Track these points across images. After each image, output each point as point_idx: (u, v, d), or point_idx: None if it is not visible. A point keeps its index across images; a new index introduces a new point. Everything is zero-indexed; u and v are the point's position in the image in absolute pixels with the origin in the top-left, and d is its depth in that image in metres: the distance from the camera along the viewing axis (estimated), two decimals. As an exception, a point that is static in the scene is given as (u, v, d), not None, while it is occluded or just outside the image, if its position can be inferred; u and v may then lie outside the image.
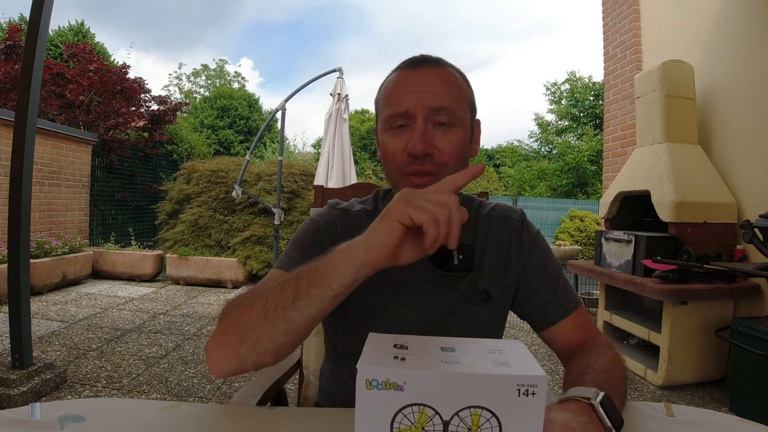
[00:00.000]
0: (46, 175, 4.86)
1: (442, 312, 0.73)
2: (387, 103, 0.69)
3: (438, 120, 0.66)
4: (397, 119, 0.67)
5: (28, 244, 1.99)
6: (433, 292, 0.73)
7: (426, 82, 0.67)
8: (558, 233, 6.27)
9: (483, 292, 0.74)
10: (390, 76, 0.72)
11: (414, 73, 0.68)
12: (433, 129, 0.66)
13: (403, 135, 0.67)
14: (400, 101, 0.67)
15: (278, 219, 4.04)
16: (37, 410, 0.53)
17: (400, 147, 0.67)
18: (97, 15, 39.18)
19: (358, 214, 0.78)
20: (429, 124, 0.66)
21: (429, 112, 0.65)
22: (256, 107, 14.87)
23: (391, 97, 0.68)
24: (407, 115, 0.66)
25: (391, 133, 0.68)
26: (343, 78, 4.21)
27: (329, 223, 0.76)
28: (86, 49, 6.42)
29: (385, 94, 0.71)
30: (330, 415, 0.58)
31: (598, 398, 0.50)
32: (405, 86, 0.67)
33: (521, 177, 12.95)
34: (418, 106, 0.65)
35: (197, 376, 2.39)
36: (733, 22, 2.70)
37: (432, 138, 0.65)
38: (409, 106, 0.66)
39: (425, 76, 0.67)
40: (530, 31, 54.00)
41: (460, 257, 0.70)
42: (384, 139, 0.70)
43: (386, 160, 0.70)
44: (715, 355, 2.42)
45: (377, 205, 0.80)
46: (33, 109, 1.96)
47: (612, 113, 3.78)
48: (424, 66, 0.69)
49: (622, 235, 2.75)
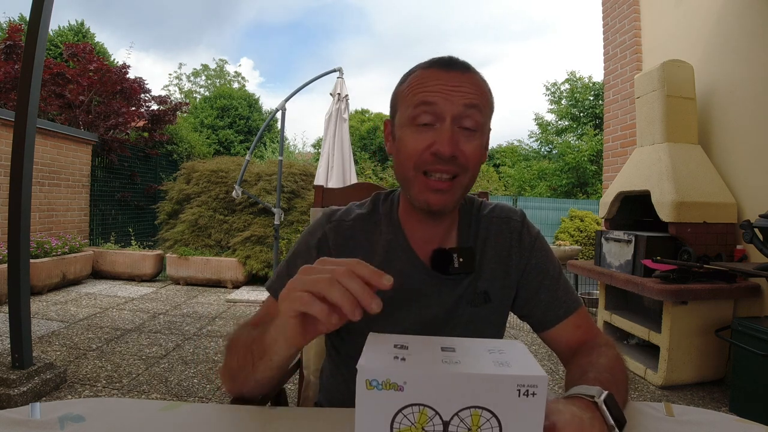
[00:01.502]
0: (46, 175, 4.86)
1: (442, 314, 0.73)
2: (413, 94, 0.66)
3: (464, 124, 0.65)
4: (423, 113, 0.65)
5: (28, 244, 1.99)
6: (433, 294, 0.73)
7: (457, 85, 0.65)
8: (558, 233, 6.27)
9: (482, 293, 0.74)
10: (416, 71, 0.69)
11: (445, 73, 0.66)
12: (458, 132, 0.65)
13: (427, 133, 0.65)
14: (430, 95, 0.64)
15: (278, 219, 4.04)
16: (37, 410, 0.53)
17: (422, 145, 0.65)
18: (97, 15, 39.20)
19: (353, 224, 0.76)
20: (456, 126, 0.65)
21: (459, 112, 0.64)
22: (256, 107, 14.86)
23: (419, 90, 0.66)
24: (435, 111, 0.64)
25: (414, 129, 0.66)
26: (343, 78, 4.21)
27: (321, 239, 0.75)
28: (86, 49, 6.42)
29: (410, 86, 0.68)
30: (330, 415, 0.58)
31: (602, 396, 0.50)
32: (435, 85, 0.65)
33: (521, 177, 12.96)
34: (448, 108, 0.64)
35: (197, 376, 2.39)
36: (734, 22, 2.70)
37: (458, 141, 0.64)
38: (439, 101, 0.64)
39: (457, 78, 0.65)
40: (530, 31, 54.05)
41: (461, 260, 0.70)
42: (404, 133, 0.67)
43: (403, 156, 0.67)
44: (715, 355, 2.42)
45: (376, 208, 0.79)
46: (33, 109, 1.96)
47: (612, 113, 3.78)
48: (456, 69, 0.67)
49: (622, 235, 2.75)
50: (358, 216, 0.78)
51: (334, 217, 0.77)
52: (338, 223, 0.76)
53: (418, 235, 0.74)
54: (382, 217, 0.77)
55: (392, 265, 0.73)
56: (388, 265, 0.73)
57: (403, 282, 0.72)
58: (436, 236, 0.74)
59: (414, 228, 0.75)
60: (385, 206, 0.78)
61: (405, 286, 0.72)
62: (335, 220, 0.77)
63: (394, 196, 0.80)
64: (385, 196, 0.81)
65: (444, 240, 0.75)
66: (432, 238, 0.74)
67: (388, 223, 0.76)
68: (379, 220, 0.77)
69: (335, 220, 0.77)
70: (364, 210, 0.79)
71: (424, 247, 0.74)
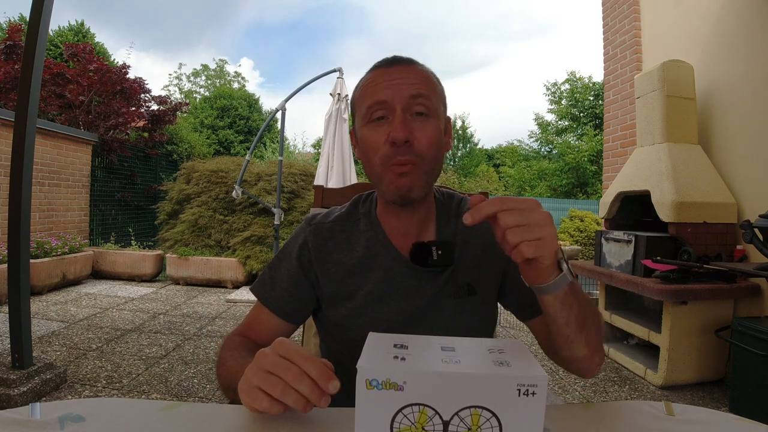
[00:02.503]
0: (46, 175, 4.86)
1: (424, 306, 0.74)
2: (364, 97, 0.70)
3: (415, 110, 0.68)
4: (376, 110, 0.68)
5: (28, 244, 1.99)
6: (415, 287, 0.74)
7: (402, 76, 0.69)
8: (558, 233, 6.27)
9: (466, 285, 0.75)
10: (364, 76, 0.74)
11: (389, 70, 0.70)
12: (411, 119, 0.67)
13: (382, 127, 0.68)
14: (378, 93, 0.68)
15: (278, 219, 4.04)
16: (37, 410, 0.53)
17: (381, 138, 0.68)
18: (97, 15, 39.23)
19: (332, 225, 0.79)
20: (407, 114, 0.67)
21: (407, 101, 0.67)
22: (256, 107, 14.87)
23: (369, 91, 0.70)
24: (386, 106, 0.68)
25: (371, 126, 0.69)
26: (343, 78, 4.22)
27: (301, 245, 0.78)
28: (86, 49, 6.42)
29: (361, 90, 0.72)
30: (330, 415, 0.58)
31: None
32: (381, 80, 0.69)
33: (521, 177, 12.97)
34: (396, 96, 0.67)
35: (197, 376, 2.39)
36: (733, 22, 2.70)
37: (411, 127, 0.67)
38: (387, 96, 0.67)
39: (400, 71, 0.69)
40: (530, 31, 54.01)
41: (439, 252, 0.72)
42: (364, 133, 0.71)
43: (368, 154, 0.70)
44: (715, 355, 2.42)
45: (356, 208, 0.81)
46: (33, 109, 1.96)
47: (612, 113, 3.78)
48: (398, 64, 0.71)
49: (622, 235, 2.75)
50: (337, 217, 0.80)
51: (313, 221, 0.80)
52: (317, 226, 0.79)
53: (395, 229, 0.76)
54: (361, 216, 0.79)
55: (374, 261, 0.75)
56: (369, 260, 0.75)
57: (386, 276, 0.74)
58: (411, 228, 0.76)
59: (391, 222, 0.76)
60: (365, 206, 0.81)
61: (387, 279, 0.74)
62: (314, 223, 0.80)
63: (373, 196, 0.82)
64: (365, 197, 0.83)
65: (421, 232, 0.77)
66: (408, 231, 0.76)
67: (366, 221, 0.78)
68: (358, 219, 0.79)
69: (314, 224, 0.79)
70: (343, 211, 0.82)
71: (403, 240, 0.76)
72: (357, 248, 0.76)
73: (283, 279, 0.77)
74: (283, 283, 0.77)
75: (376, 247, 0.76)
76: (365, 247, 0.76)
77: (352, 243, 0.77)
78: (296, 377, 0.47)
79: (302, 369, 0.48)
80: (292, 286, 0.76)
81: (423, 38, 57.02)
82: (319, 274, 0.76)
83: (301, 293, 0.76)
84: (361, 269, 0.75)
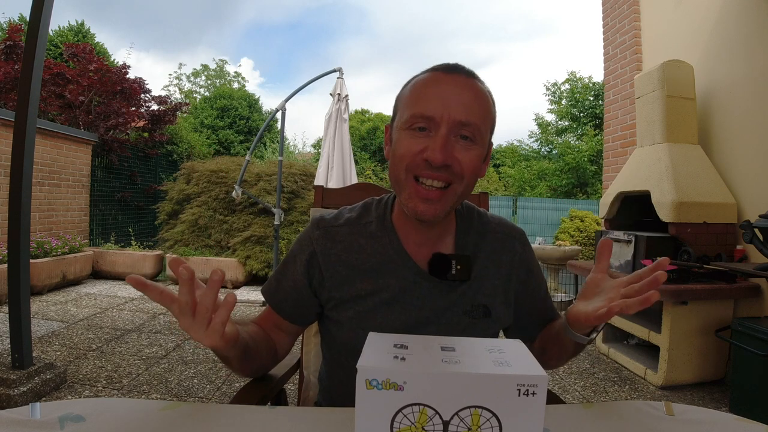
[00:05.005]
0: (46, 175, 4.86)
1: (434, 317, 0.73)
2: (413, 103, 0.66)
3: (462, 133, 0.65)
4: (419, 121, 0.65)
5: (28, 244, 1.99)
6: (426, 297, 0.73)
7: (458, 92, 0.65)
8: (558, 233, 6.26)
9: (482, 307, 0.74)
10: (420, 75, 0.69)
11: (447, 77, 0.66)
12: (455, 141, 0.65)
13: (421, 138, 0.65)
14: (427, 104, 0.64)
15: (278, 219, 4.04)
16: (37, 410, 0.53)
17: (415, 149, 0.65)
18: (97, 15, 39.14)
19: (341, 228, 0.77)
20: (452, 135, 0.64)
21: (455, 124, 0.64)
22: (256, 107, 14.85)
23: (419, 98, 0.66)
24: (431, 121, 0.64)
25: (410, 133, 0.66)
26: (343, 78, 4.21)
27: (310, 251, 0.77)
28: (86, 49, 6.42)
29: (412, 93, 0.68)
30: (330, 415, 0.58)
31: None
32: (435, 90, 0.65)
33: (521, 177, 12.95)
34: (445, 116, 0.63)
35: (197, 376, 2.39)
36: (733, 22, 2.70)
37: (453, 149, 0.64)
38: (435, 112, 0.64)
39: (458, 84, 0.65)
40: (531, 31, 54.05)
41: (458, 267, 0.72)
42: (400, 136, 0.67)
43: (396, 158, 0.67)
44: (715, 355, 2.42)
45: (368, 212, 0.80)
46: (33, 109, 1.96)
47: (612, 113, 3.78)
48: (458, 73, 0.67)
49: (622, 236, 2.75)
50: (347, 220, 0.78)
51: (322, 223, 0.79)
52: (326, 229, 0.77)
53: (411, 238, 0.75)
54: (374, 220, 0.78)
55: (387, 267, 0.74)
56: (382, 266, 0.74)
57: (398, 283, 0.73)
58: (429, 240, 0.75)
59: (407, 231, 0.75)
60: (378, 210, 0.79)
61: (399, 287, 0.73)
62: (323, 227, 0.78)
63: (388, 200, 0.80)
64: (378, 201, 0.82)
65: (438, 244, 0.76)
66: (425, 242, 0.75)
67: (380, 226, 0.77)
68: (370, 223, 0.78)
69: (323, 227, 0.78)
70: (354, 214, 0.80)
71: (417, 250, 0.75)
72: (368, 252, 0.75)
73: (288, 285, 0.77)
74: (287, 289, 0.77)
75: (390, 254, 0.74)
76: (378, 253, 0.74)
77: (363, 246, 0.75)
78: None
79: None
80: (296, 292, 0.76)
81: (423, 38, 57.03)
82: (327, 278, 0.75)
83: (304, 300, 0.77)
84: (372, 274, 0.73)
